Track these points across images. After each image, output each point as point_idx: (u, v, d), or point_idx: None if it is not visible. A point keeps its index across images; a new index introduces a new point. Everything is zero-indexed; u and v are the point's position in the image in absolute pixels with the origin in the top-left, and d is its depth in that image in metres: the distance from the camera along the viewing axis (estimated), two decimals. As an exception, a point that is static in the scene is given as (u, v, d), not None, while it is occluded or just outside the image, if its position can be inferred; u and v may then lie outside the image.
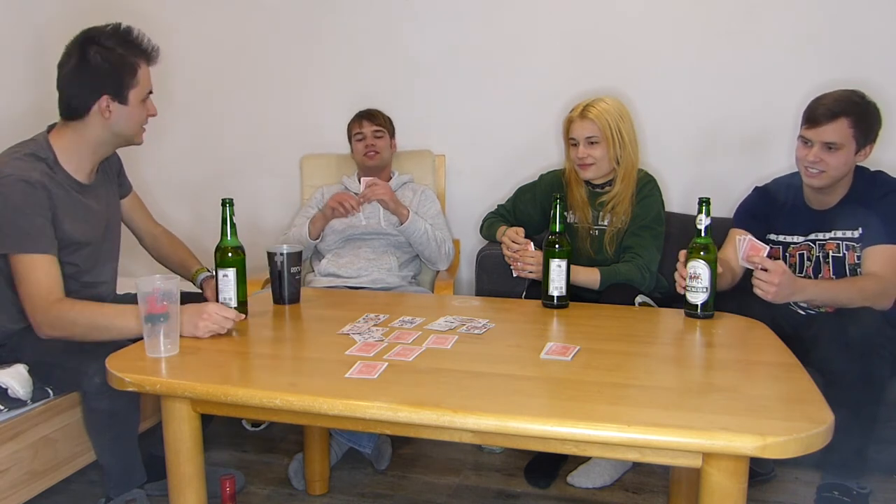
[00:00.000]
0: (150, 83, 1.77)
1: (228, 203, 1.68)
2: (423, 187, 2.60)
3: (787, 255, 2.03)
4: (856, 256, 1.90)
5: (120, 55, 1.69)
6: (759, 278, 1.66)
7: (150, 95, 1.78)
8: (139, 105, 1.74)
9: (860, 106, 1.84)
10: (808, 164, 1.88)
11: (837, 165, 1.85)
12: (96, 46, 1.67)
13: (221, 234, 1.67)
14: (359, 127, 2.52)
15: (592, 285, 2.03)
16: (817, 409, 1.12)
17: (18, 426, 1.64)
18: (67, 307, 1.60)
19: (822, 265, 1.95)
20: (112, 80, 1.69)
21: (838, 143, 1.83)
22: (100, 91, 1.68)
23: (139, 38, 1.74)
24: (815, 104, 1.87)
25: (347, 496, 1.98)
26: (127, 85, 1.70)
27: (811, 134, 1.86)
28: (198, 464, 1.38)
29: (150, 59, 1.77)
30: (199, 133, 3.11)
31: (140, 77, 1.73)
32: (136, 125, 1.77)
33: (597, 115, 2.10)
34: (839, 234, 1.93)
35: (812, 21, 2.42)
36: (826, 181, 1.88)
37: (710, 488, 1.09)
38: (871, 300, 1.78)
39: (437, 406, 1.13)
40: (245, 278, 1.69)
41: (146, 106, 1.78)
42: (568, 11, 2.64)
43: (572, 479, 2.02)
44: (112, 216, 1.91)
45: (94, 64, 1.67)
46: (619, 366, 1.34)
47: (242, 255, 1.68)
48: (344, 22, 2.86)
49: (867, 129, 1.84)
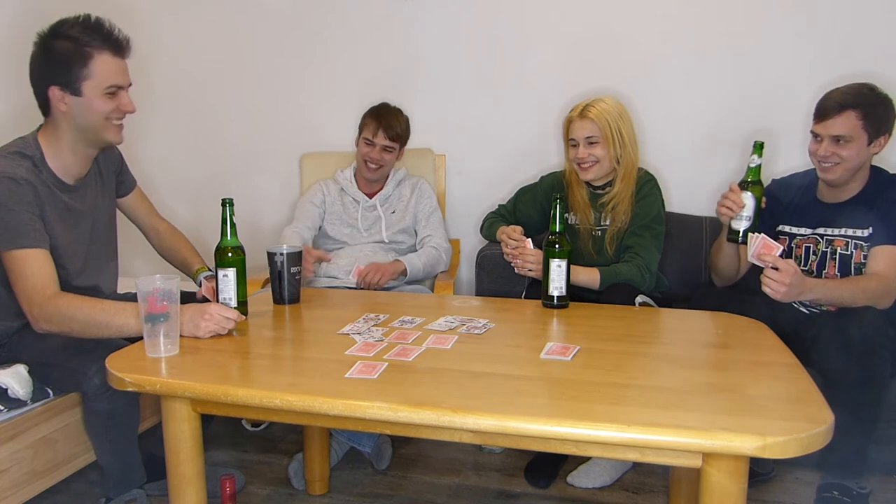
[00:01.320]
0: (116, 76, 1.66)
1: (228, 203, 1.66)
2: (418, 180, 2.57)
3: (792, 247, 2.03)
4: (863, 256, 1.90)
5: (73, 45, 1.61)
6: (770, 277, 1.66)
7: (120, 90, 1.68)
8: (99, 98, 1.64)
9: (868, 97, 1.84)
10: (821, 158, 1.89)
11: (850, 157, 1.85)
12: (56, 37, 1.62)
13: (221, 234, 1.66)
14: (371, 133, 2.40)
15: (592, 285, 2.03)
16: (817, 409, 1.11)
17: (18, 426, 1.64)
18: (66, 302, 1.58)
19: (828, 261, 1.95)
20: (62, 70, 1.62)
21: (847, 136, 1.83)
22: (48, 81, 1.63)
23: (102, 28, 1.64)
24: (825, 99, 1.89)
25: (347, 496, 1.98)
26: (78, 75, 1.62)
27: (820, 128, 1.88)
28: (198, 464, 1.38)
29: (117, 50, 1.66)
30: (199, 132, 3.11)
31: (95, 67, 1.62)
32: (97, 119, 1.67)
33: (596, 115, 2.10)
34: (849, 231, 1.93)
35: (813, 18, 2.42)
36: (841, 174, 1.89)
37: (710, 488, 1.09)
38: (874, 300, 1.78)
39: (436, 406, 1.13)
40: (245, 278, 1.67)
41: (115, 100, 1.67)
42: (568, 12, 2.64)
43: (572, 479, 2.02)
44: (100, 217, 1.87)
45: (47, 55, 1.62)
46: (619, 366, 1.34)
47: (242, 255, 1.67)
48: (344, 22, 2.86)
49: (878, 120, 1.84)
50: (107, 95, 1.66)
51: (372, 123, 2.40)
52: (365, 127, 2.44)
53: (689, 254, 2.35)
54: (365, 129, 2.43)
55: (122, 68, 1.68)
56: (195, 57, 3.05)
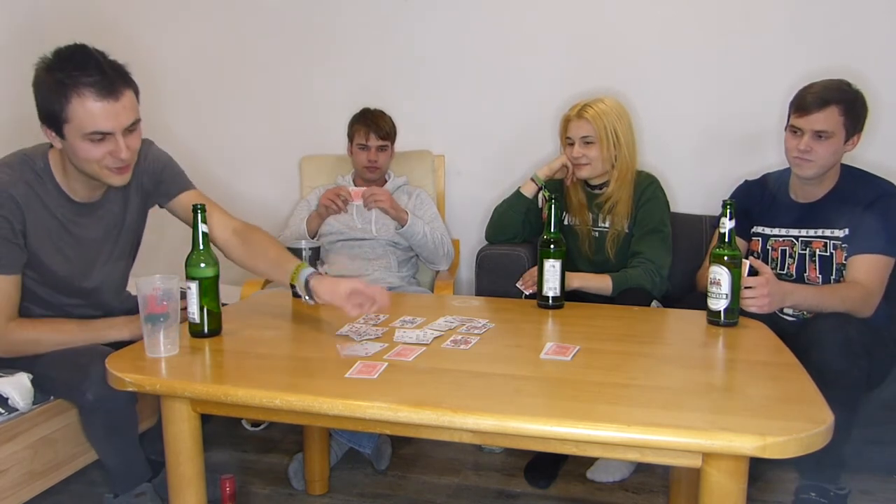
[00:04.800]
0: (98, 122, 1.46)
1: (200, 209, 1.49)
2: (417, 190, 2.60)
3: (768, 249, 2.02)
4: (843, 256, 1.89)
5: (54, 83, 1.45)
6: (749, 296, 1.62)
7: (110, 136, 1.49)
8: (84, 143, 1.47)
9: (849, 94, 1.84)
10: (799, 153, 1.87)
11: (826, 155, 1.85)
12: (46, 70, 1.47)
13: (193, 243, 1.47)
14: (363, 138, 2.45)
15: (605, 291, 2.03)
16: (817, 409, 1.11)
17: (18, 427, 1.64)
18: (21, 331, 1.56)
19: (808, 264, 1.95)
20: (45, 109, 1.48)
21: (829, 132, 1.83)
22: (40, 117, 1.50)
23: (87, 64, 1.45)
24: (804, 93, 1.87)
25: (347, 496, 1.98)
26: (58, 118, 1.46)
27: (801, 122, 1.86)
28: (198, 464, 1.38)
29: (101, 92, 1.44)
30: (200, 134, 3.11)
31: (74, 111, 1.44)
32: (85, 164, 1.51)
33: (593, 115, 2.10)
34: (827, 232, 1.92)
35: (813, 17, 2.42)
36: (815, 170, 1.88)
37: (710, 488, 1.09)
38: (854, 308, 1.78)
39: (436, 406, 1.13)
40: (217, 291, 1.50)
41: (104, 145, 1.49)
42: (568, 12, 2.64)
43: (592, 474, 2.03)
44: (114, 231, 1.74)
45: (36, 88, 1.49)
46: (619, 366, 1.34)
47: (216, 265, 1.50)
48: (344, 23, 2.86)
49: (856, 118, 1.85)
50: (91, 142, 1.48)
51: (361, 128, 2.47)
52: (355, 134, 2.50)
53: (689, 254, 2.34)
54: (356, 135, 2.49)
55: (108, 112, 1.46)
56: (195, 59, 3.05)
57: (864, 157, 2.12)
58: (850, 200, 1.90)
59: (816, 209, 1.95)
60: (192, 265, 1.47)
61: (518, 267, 2.21)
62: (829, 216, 1.92)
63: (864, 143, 1.92)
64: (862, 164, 2.00)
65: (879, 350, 1.77)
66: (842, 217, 1.90)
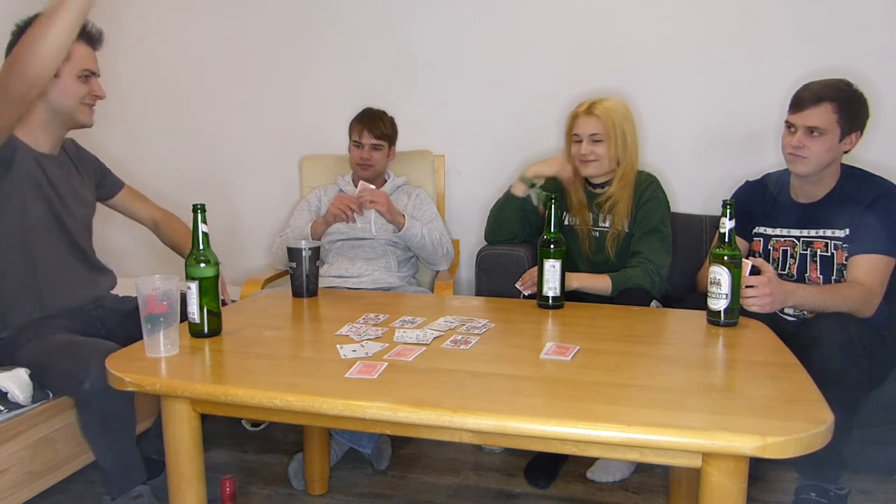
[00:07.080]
0: (90, 62, 1.82)
1: (200, 209, 1.51)
2: (417, 190, 2.59)
3: (769, 249, 2.02)
4: (844, 256, 1.89)
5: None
6: (751, 295, 1.63)
7: (92, 76, 1.83)
8: (74, 80, 1.79)
9: (845, 92, 1.84)
10: (792, 149, 1.88)
11: (820, 152, 1.85)
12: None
13: (193, 243, 1.50)
14: (358, 135, 2.48)
15: (604, 292, 2.03)
16: (817, 410, 1.11)
17: (18, 426, 1.64)
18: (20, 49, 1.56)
19: (809, 264, 1.95)
20: None
21: (822, 128, 1.83)
22: None
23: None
24: (801, 90, 1.89)
25: (347, 496, 1.98)
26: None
27: (795, 118, 1.87)
28: (198, 464, 1.38)
29: (90, 42, 1.82)
30: (199, 134, 3.11)
31: (73, 53, 1.74)
32: (71, 100, 1.80)
33: (603, 112, 2.10)
34: (828, 232, 1.92)
35: (813, 18, 2.42)
36: (809, 168, 1.88)
37: (710, 488, 1.09)
38: (855, 308, 1.78)
39: (436, 406, 1.13)
40: (217, 289, 1.52)
41: (87, 84, 1.82)
42: (569, 12, 2.64)
43: (591, 474, 2.03)
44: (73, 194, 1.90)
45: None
46: (619, 366, 1.34)
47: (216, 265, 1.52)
48: (343, 23, 2.86)
49: (852, 116, 1.84)
50: (80, 79, 1.80)
51: (357, 126, 2.50)
52: (352, 131, 2.53)
53: (689, 254, 2.35)
54: (353, 133, 2.53)
55: (94, 57, 1.85)
56: (195, 59, 3.05)
57: (864, 157, 2.12)
58: (851, 200, 1.90)
59: (817, 209, 1.95)
60: (192, 265, 1.48)
61: (518, 267, 2.21)
62: (829, 216, 1.92)
63: (864, 143, 1.92)
64: (862, 164, 2.00)
65: (880, 350, 1.77)
66: (842, 217, 1.90)
